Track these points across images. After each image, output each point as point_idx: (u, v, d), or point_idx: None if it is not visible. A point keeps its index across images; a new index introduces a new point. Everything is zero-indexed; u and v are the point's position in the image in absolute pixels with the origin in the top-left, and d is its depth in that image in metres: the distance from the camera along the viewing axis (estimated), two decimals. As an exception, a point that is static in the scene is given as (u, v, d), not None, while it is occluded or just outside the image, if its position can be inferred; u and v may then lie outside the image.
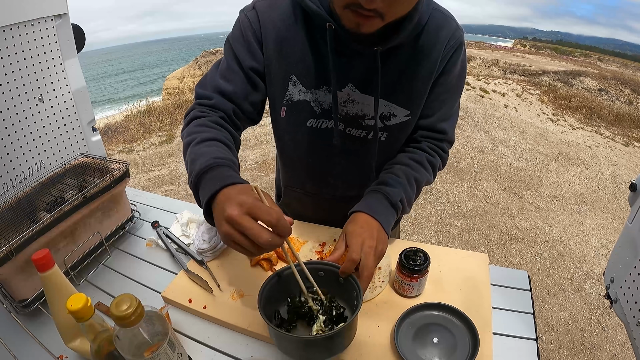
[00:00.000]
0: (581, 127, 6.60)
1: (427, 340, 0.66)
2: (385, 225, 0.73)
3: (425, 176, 0.83)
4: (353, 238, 0.68)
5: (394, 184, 0.78)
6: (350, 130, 0.82)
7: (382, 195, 0.76)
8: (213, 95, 0.76)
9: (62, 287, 0.61)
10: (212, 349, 0.70)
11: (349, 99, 0.78)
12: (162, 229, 1.00)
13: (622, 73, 14.59)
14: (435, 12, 0.73)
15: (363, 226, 0.70)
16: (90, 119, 1.16)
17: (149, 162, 4.46)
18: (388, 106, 0.79)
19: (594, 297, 2.46)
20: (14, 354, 0.70)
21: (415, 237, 3.00)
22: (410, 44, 0.73)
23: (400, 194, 0.77)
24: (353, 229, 0.70)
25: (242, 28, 0.76)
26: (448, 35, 0.74)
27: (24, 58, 0.95)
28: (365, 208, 0.74)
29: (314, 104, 0.79)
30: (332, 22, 0.68)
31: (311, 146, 0.86)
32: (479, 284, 0.78)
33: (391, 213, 0.76)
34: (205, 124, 0.72)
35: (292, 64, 0.76)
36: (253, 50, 0.76)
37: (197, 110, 0.75)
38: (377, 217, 0.72)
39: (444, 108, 0.82)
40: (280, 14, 0.74)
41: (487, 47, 23.29)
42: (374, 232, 0.69)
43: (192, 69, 21.85)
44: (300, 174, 0.95)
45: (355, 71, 0.75)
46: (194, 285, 0.81)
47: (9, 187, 0.96)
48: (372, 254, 0.66)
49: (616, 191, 3.95)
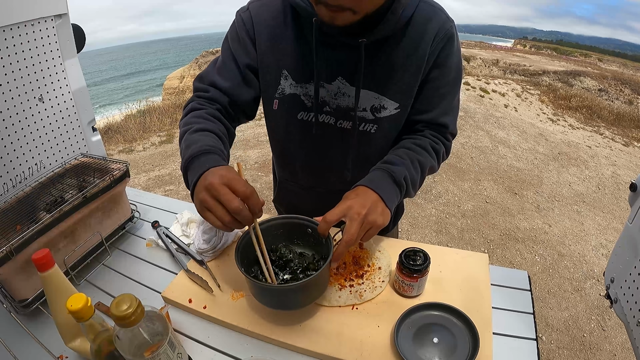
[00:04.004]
0: (581, 127, 6.60)
1: (427, 340, 0.66)
2: (386, 199, 0.71)
3: (429, 160, 0.82)
4: (341, 202, 0.68)
5: (398, 163, 0.77)
6: (342, 123, 0.83)
7: (385, 173, 0.75)
8: (210, 88, 0.81)
9: (62, 287, 0.61)
10: (212, 349, 0.70)
11: (339, 91, 0.80)
12: (162, 229, 1.00)
13: (622, 73, 14.60)
14: (423, 4, 0.73)
15: (358, 194, 0.70)
16: (90, 119, 1.16)
17: (149, 162, 4.46)
18: (378, 99, 0.80)
19: (594, 297, 2.46)
20: (14, 354, 0.70)
21: (415, 237, 3.00)
22: (398, 36, 0.74)
23: (404, 171, 0.76)
24: (347, 195, 0.71)
25: (237, 28, 0.81)
26: (437, 27, 0.74)
27: (24, 58, 0.95)
28: (366, 182, 0.73)
29: (304, 98, 0.82)
30: (317, 17, 0.70)
31: (302, 139, 0.88)
32: (479, 284, 0.78)
33: (394, 190, 0.75)
34: (201, 115, 0.76)
35: (283, 59, 0.80)
36: (247, 49, 0.80)
37: (196, 103, 0.80)
38: (377, 190, 0.71)
39: (444, 102, 0.82)
40: (272, 12, 0.79)
41: (487, 47, 23.29)
42: (367, 201, 0.68)
43: (192, 69, 21.87)
44: (294, 168, 0.96)
45: (344, 64, 0.77)
46: (194, 285, 0.81)
47: (9, 187, 0.96)
48: (357, 220, 0.65)
49: (616, 191, 3.95)
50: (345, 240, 0.64)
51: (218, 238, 0.88)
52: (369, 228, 0.68)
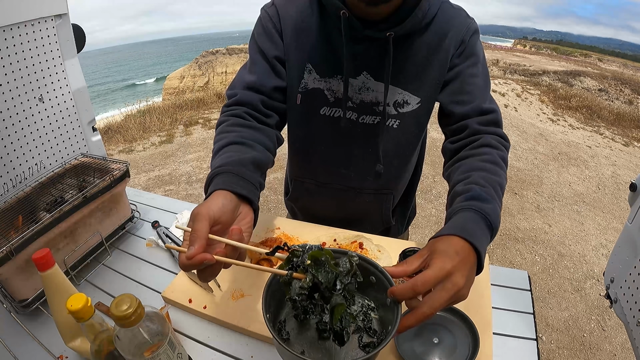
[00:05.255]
0: (581, 127, 6.60)
1: (427, 340, 0.66)
2: (481, 257, 0.55)
3: (504, 178, 0.70)
4: (440, 260, 0.50)
5: (487, 199, 0.61)
6: (364, 118, 0.83)
7: (479, 216, 0.58)
8: (238, 91, 0.80)
9: (62, 287, 0.61)
10: (212, 349, 0.70)
11: (364, 86, 0.80)
12: (162, 229, 1.00)
13: (622, 73, 14.59)
14: (445, 4, 0.77)
15: (459, 253, 0.52)
16: (90, 119, 1.16)
17: (149, 162, 4.46)
18: (402, 94, 0.81)
19: (594, 297, 2.46)
20: (14, 354, 0.70)
21: (415, 237, 3.00)
22: (422, 33, 0.76)
23: (497, 211, 0.61)
24: (445, 249, 0.52)
25: (263, 22, 0.82)
26: (460, 23, 0.77)
27: (24, 58, 0.95)
28: (465, 233, 0.54)
29: (327, 92, 0.82)
30: (345, 10, 0.72)
31: (324, 134, 0.87)
32: (479, 284, 0.78)
33: (487, 240, 0.58)
34: (223, 130, 0.74)
35: (308, 53, 0.80)
36: (275, 40, 0.81)
37: (222, 116, 0.79)
38: (477, 249, 0.54)
39: (481, 91, 0.79)
40: (298, 6, 0.80)
41: (487, 47, 23.29)
42: (466, 268, 0.51)
43: (192, 69, 21.85)
44: (313, 164, 0.95)
45: (370, 59, 0.78)
46: (194, 285, 0.81)
47: (9, 187, 0.96)
48: (451, 292, 0.49)
49: (616, 191, 3.95)
50: (425, 314, 0.47)
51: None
52: (452, 302, 0.51)
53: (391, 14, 0.72)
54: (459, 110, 0.78)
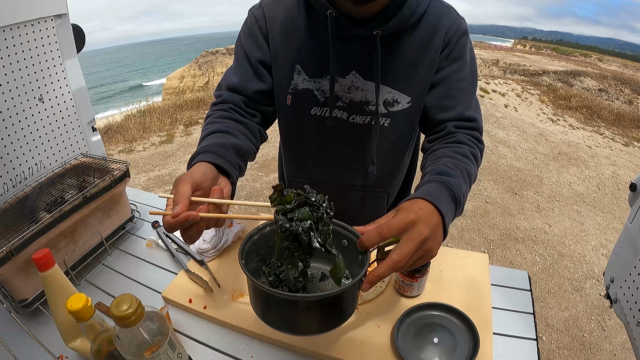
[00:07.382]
0: (581, 127, 6.60)
1: (427, 340, 0.66)
2: (446, 221, 0.57)
3: (473, 169, 0.72)
4: (400, 213, 0.54)
5: (453, 174, 0.64)
6: (354, 118, 0.84)
7: (443, 186, 0.61)
8: (223, 92, 0.83)
9: (63, 287, 0.61)
10: (212, 349, 0.70)
11: (352, 85, 0.80)
12: (162, 229, 1.00)
13: (622, 73, 14.60)
14: (435, 2, 0.76)
15: (422, 209, 0.55)
16: (90, 119, 1.16)
17: (149, 162, 4.46)
18: (391, 92, 0.81)
19: (594, 297, 2.46)
20: (14, 354, 0.70)
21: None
22: (411, 32, 0.76)
23: (461, 185, 0.63)
24: (407, 205, 0.55)
25: (249, 25, 0.83)
26: (449, 23, 0.76)
27: (24, 58, 0.95)
28: (427, 195, 0.57)
29: (317, 93, 0.82)
30: (332, 10, 0.71)
31: (316, 134, 0.88)
32: (479, 284, 0.78)
33: (451, 208, 0.60)
34: (210, 121, 0.78)
35: (296, 54, 0.80)
36: (260, 44, 0.82)
37: (209, 110, 0.83)
38: (440, 210, 0.56)
39: (466, 96, 0.81)
40: (285, 7, 0.79)
41: (487, 47, 23.29)
42: (431, 222, 0.54)
43: (192, 69, 21.85)
44: (306, 164, 0.96)
45: (358, 58, 0.78)
46: (194, 285, 0.81)
47: (9, 187, 0.96)
48: (417, 241, 0.51)
49: (616, 191, 3.95)
50: (394, 261, 0.50)
51: (218, 237, 0.88)
52: (421, 256, 0.53)
53: (378, 12, 0.72)
54: (440, 116, 0.80)
